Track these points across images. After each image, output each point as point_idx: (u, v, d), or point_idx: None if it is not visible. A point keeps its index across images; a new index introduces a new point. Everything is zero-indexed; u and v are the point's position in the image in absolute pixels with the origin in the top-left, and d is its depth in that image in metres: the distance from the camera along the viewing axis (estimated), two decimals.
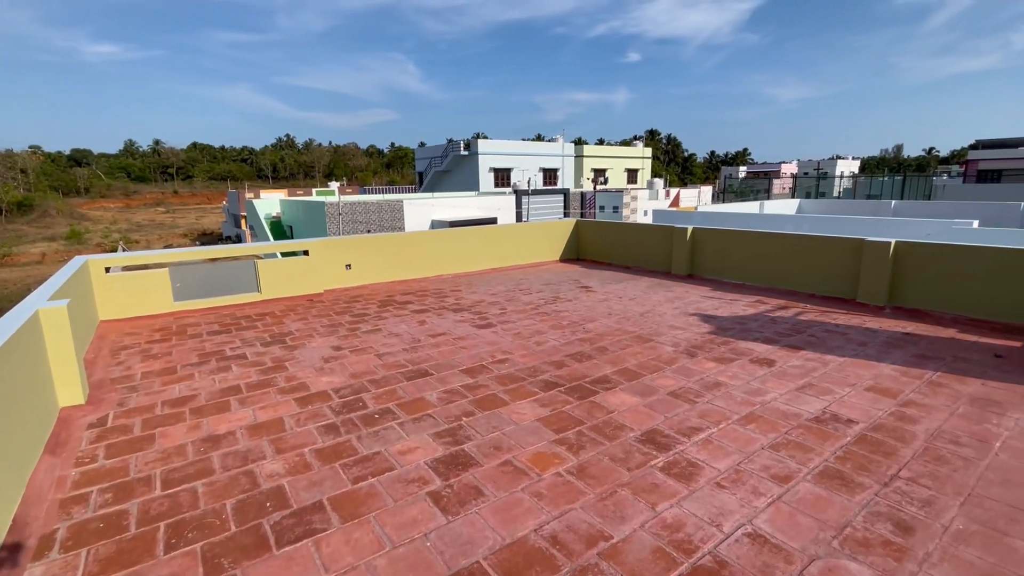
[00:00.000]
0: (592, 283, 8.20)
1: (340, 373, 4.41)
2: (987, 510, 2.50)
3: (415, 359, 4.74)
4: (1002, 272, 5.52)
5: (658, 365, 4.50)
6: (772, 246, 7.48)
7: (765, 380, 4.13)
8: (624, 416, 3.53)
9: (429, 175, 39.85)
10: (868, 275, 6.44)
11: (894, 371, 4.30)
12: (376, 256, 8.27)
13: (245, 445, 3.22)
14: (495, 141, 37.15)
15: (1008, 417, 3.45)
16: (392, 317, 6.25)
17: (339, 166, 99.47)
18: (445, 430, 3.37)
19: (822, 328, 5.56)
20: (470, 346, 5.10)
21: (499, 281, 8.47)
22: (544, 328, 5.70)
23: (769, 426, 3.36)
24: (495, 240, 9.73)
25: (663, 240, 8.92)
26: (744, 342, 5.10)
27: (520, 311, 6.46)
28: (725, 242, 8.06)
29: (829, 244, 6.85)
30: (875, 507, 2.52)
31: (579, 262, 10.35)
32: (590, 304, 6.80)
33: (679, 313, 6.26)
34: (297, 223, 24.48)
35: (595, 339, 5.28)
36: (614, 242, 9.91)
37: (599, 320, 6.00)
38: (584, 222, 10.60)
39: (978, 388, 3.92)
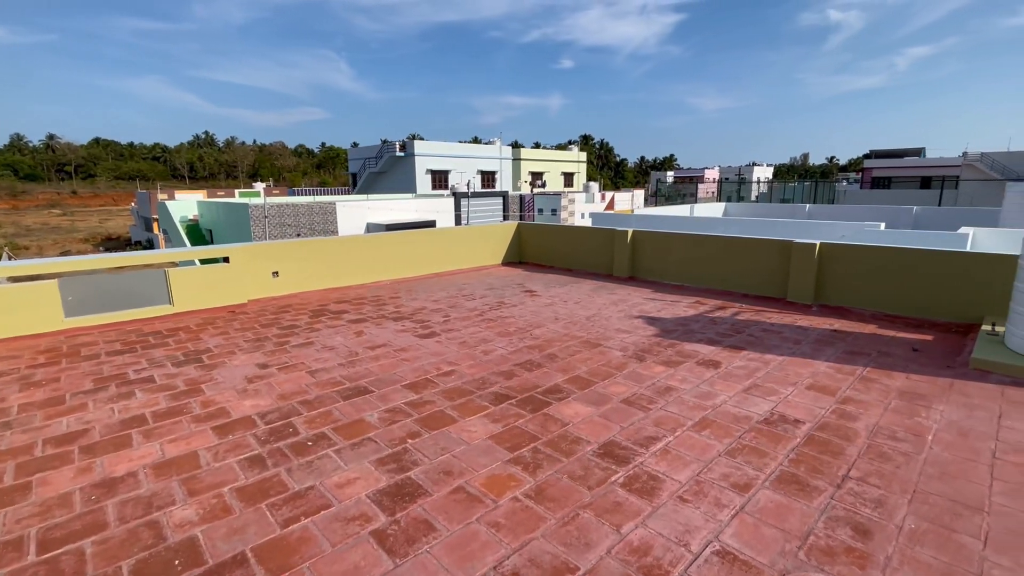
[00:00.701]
0: (536, 287, 8.09)
1: (267, 395, 3.96)
2: (932, 506, 2.56)
3: (352, 375, 4.36)
4: (910, 271, 5.96)
5: (609, 371, 4.41)
6: (708, 248, 7.70)
7: (713, 383, 4.14)
8: (580, 428, 3.38)
9: (363, 176, 38.51)
10: (796, 275, 6.77)
11: (829, 368, 4.47)
12: (307, 262, 7.70)
13: (149, 488, 2.75)
14: (432, 143, 36.54)
15: (934, 409, 3.64)
16: (326, 328, 5.79)
17: (265, 166, 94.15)
18: (389, 455, 3.06)
19: (759, 327, 5.75)
20: (413, 358, 4.79)
21: (441, 286, 8.16)
22: (490, 335, 5.48)
23: (723, 431, 3.33)
24: (436, 244, 9.40)
25: (604, 243, 8.98)
26: (689, 344, 5.14)
27: (464, 318, 6.21)
28: (664, 244, 8.23)
29: (760, 246, 7.15)
30: (832, 511, 2.52)
31: (522, 265, 10.23)
32: (536, 309, 6.66)
33: (624, 316, 6.26)
34: (217, 227, 22.73)
35: (544, 346, 5.13)
36: (556, 245, 9.88)
37: (546, 325, 5.87)
38: (526, 225, 10.50)
39: (904, 382, 4.14)
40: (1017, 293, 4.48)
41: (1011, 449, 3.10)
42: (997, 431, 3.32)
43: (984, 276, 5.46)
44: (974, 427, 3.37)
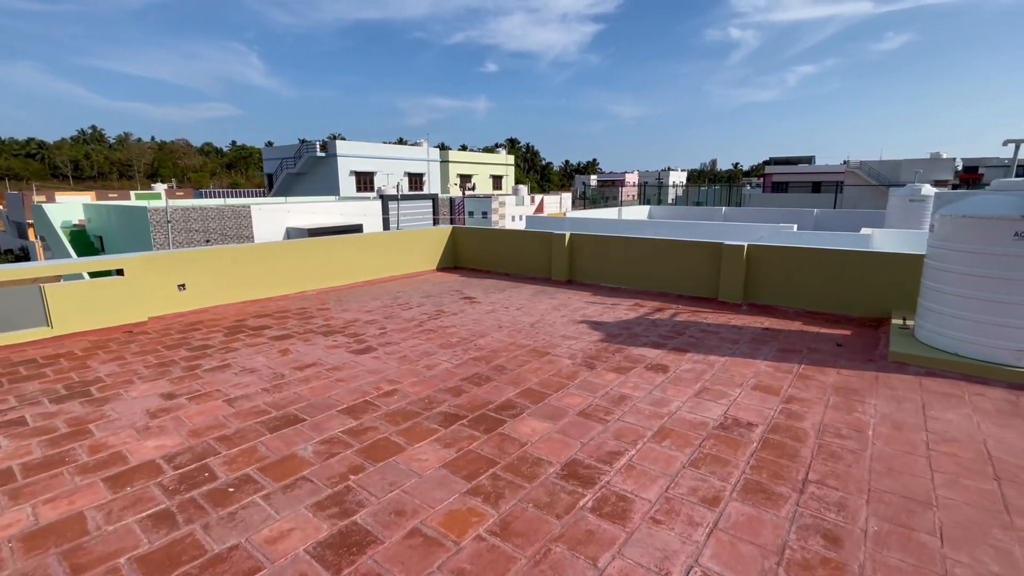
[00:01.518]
0: (475, 293, 7.83)
1: (174, 432, 3.38)
2: (888, 505, 2.61)
3: (279, 401, 3.87)
4: (828, 270, 6.37)
5: (560, 381, 4.25)
6: (645, 251, 7.84)
7: (665, 388, 4.11)
8: (539, 448, 3.18)
9: (280, 178, 36.20)
10: (727, 276, 7.03)
11: (768, 367, 4.60)
12: (220, 272, 6.91)
13: (17, 567, 2.18)
14: (355, 143, 35.09)
15: (868, 404, 3.82)
16: (245, 348, 5.17)
17: (166, 165, 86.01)
18: (329, 497, 2.68)
19: (698, 328, 5.87)
20: (349, 378, 4.35)
21: (373, 295, 7.66)
22: (432, 348, 5.15)
23: (683, 440, 3.27)
24: (366, 250, 8.85)
25: (542, 247, 8.91)
26: (635, 348, 5.12)
27: (402, 329, 5.82)
28: (601, 247, 8.28)
29: (694, 248, 7.37)
30: (801, 519, 2.49)
31: (457, 271, 9.92)
32: (477, 317, 6.40)
33: (568, 321, 6.17)
34: (109, 233, 20.28)
35: (490, 357, 4.88)
36: (493, 249, 9.68)
37: (490, 334, 5.63)
38: (461, 229, 10.21)
39: (836, 378, 4.34)
40: (924, 289, 4.87)
41: (940, 439, 3.29)
42: (925, 422, 3.52)
43: (891, 274, 5.94)
44: (905, 419, 3.56)
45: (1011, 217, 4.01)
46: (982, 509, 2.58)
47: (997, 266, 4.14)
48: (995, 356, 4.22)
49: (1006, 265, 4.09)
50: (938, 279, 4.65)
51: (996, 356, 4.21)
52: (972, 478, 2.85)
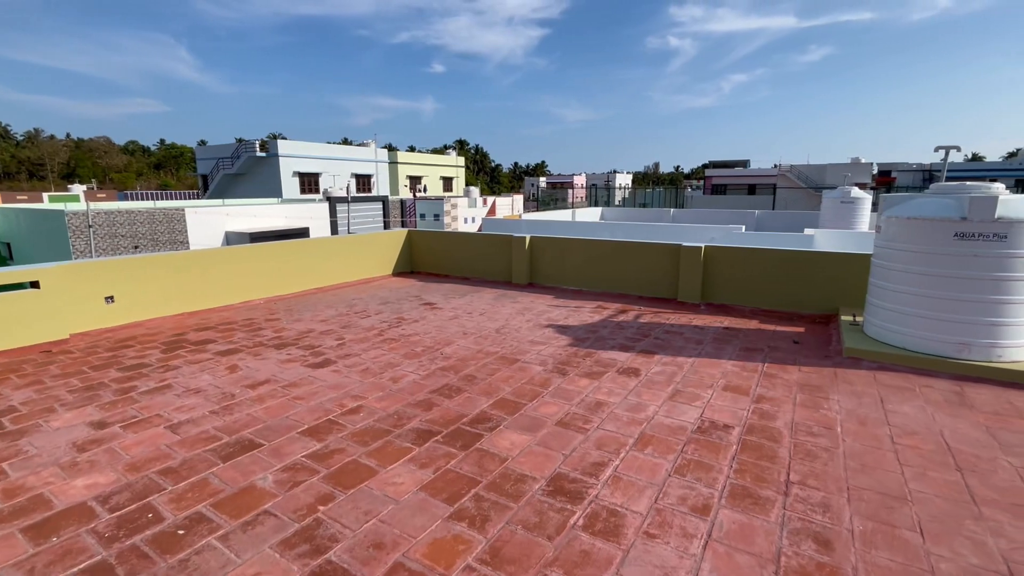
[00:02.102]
0: (435, 298, 7.59)
1: (108, 468, 2.99)
2: (867, 503, 2.66)
3: (231, 425, 3.52)
4: (780, 269, 6.63)
5: (534, 389, 4.13)
6: (605, 253, 7.88)
7: (639, 393, 4.08)
8: (520, 463, 3.04)
9: (217, 179, 34.16)
10: (685, 276, 7.18)
11: (734, 366, 4.69)
12: (154, 282, 6.32)
13: None
14: (299, 143, 33.65)
15: (832, 400, 3.94)
16: (187, 365, 4.71)
17: (85, 165, 79.23)
18: (297, 533, 2.42)
19: (662, 329, 5.93)
20: (308, 395, 4.04)
21: (327, 303, 7.27)
22: (396, 359, 4.90)
23: (664, 446, 3.23)
24: (317, 255, 8.40)
25: (502, 249, 8.78)
26: (605, 352, 5.09)
27: (362, 339, 5.51)
28: (562, 250, 8.26)
29: (653, 249, 7.47)
30: (790, 524, 2.49)
31: (414, 275, 9.62)
32: (440, 323, 6.18)
33: (534, 326, 6.07)
34: (19, 240, 18.36)
35: (458, 366, 4.70)
36: (451, 253, 9.45)
37: (456, 342, 5.43)
38: (417, 232, 9.91)
39: (799, 375, 4.47)
40: (872, 287, 5.12)
41: (902, 432, 3.42)
42: (886, 416, 3.66)
43: (839, 272, 6.24)
44: (868, 414, 3.69)
45: (952, 219, 4.27)
46: (952, 501, 2.67)
47: (939, 265, 4.40)
48: (939, 349, 4.48)
49: (947, 264, 4.35)
50: (885, 277, 4.90)
51: (940, 349, 4.48)
52: (937, 470, 2.97)
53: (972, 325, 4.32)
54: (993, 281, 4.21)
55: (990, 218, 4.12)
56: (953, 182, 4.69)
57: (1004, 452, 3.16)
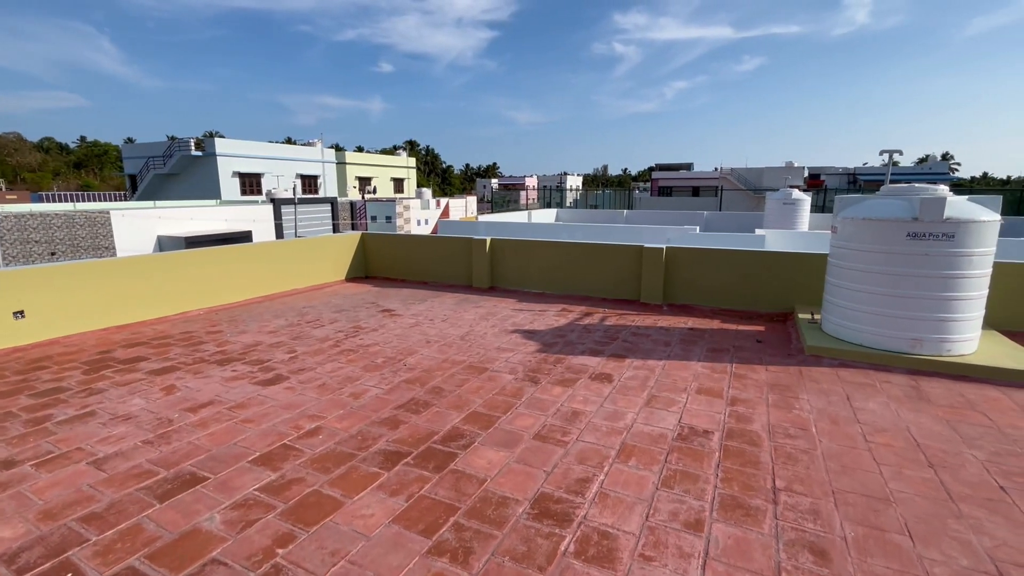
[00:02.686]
0: (393, 305, 7.25)
1: (16, 517, 2.53)
2: (854, 506, 2.64)
3: (169, 456, 3.11)
4: (738, 269, 6.75)
5: (507, 401, 3.93)
6: (568, 255, 7.79)
7: (615, 400, 3.96)
8: (500, 484, 2.83)
9: (147, 179, 31.82)
10: (648, 278, 7.19)
11: (704, 368, 4.67)
12: (73, 293, 5.65)
13: None
14: (239, 141, 31.88)
15: (802, 400, 3.97)
16: (115, 388, 4.19)
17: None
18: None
19: (629, 332, 5.88)
20: (258, 417, 3.66)
21: (275, 312, 6.77)
22: (356, 372, 4.56)
23: (647, 457, 3.11)
24: (263, 260, 7.84)
25: (462, 252, 8.53)
26: (574, 357, 4.96)
27: (316, 351, 5.13)
28: (524, 252, 8.11)
29: (616, 251, 7.45)
30: (785, 535, 2.42)
31: (369, 280, 9.19)
32: (401, 332, 5.87)
33: (499, 332, 5.87)
34: None
35: (424, 378, 4.43)
36: (408, 257, 9.10)
37: (419, 351, 5.15)
38: (372, 235, 9.48)
39: (766, 375, 4.51)
40: (829, 286, 5.27)
41: (873, 430, 3.47)
42: (854, 413, 3.72)
43: (794, 271, 6.42)
44: (837, 412, 3.74)
45: (904, 219, 4.43)
46: (931, 500, 2.70)
47: (893, 263, 4.56)
48: (894, 345, 4.64)
49: (900, 262, 4.51)
50: (841, 276, 5.04)
51: (895, 345, 4.64)
52: (911, 468, 3.01)
53: (923, 321, 4.50)
54: (942, 279, 4.39)
55: (939, 218, 4.29)
56: (901, 184, 4.89)
57: (967, 446, 3.26)
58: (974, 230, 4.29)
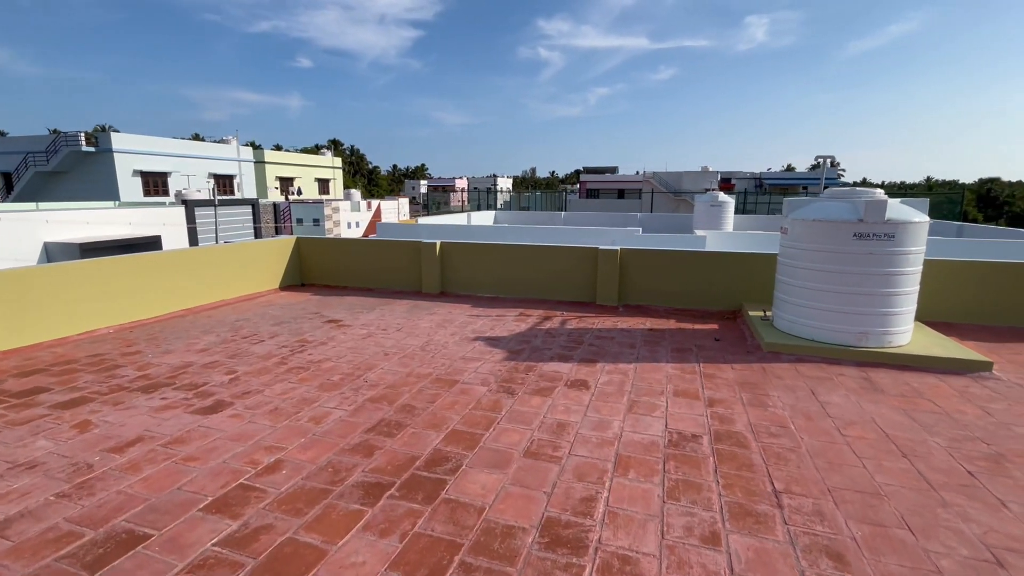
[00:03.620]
0: (339, 314, 6.73)
1: None
2: (852, 504, 2.68)
3: (95, 512, 2.57)
4: (689, 269, 6.94)
5: (486, 415, 3.69)
6: (521, 257, 7.65)
7: (597, 408, 3.85)
8: (501, 511, 2.59)
9: (25, 177, 27.91)
10: (603, 279, 7.22)
11: (674, 369, 4.70)
12: None
13: None
14: (139, 137, 28.80)
15: (772, 397, 4.08)
16: (9, 428, 3.46)
17: None
18: None
19: (592, 335, 5.83)
20: (203, 453, 3.16)
21: (203, 328, 6.04)
22: (311, 392, 4.11)
23: (646, 468, 3.01)
24: (182, 269, 6.99)
25: (410, 257, 8.13)
26: (545, 364, 4.81)
27: (260, 371, 4.59)
28: (476, 256, 7.86)
29: (570, 253, 7.41)
30: (799, 541, 2.39)
31: (308, 288, 8.52)
32: (353, 344, 5.42)
33: (461, 340, 5.60)
34: None
35: (390, 395, 4.07)
36: (351, 262, 8.54)
37: (379, 365, 4.76)
38: (308, 240, 8.80)
39: (733, 373, 4.60)
40: (780, 284, 5.51)
41: (843, 423, 3.61)
42: (823, 408, 3.86)
43: (742, 270, 6.69)
44: (807, 408, 3.86)
45: (851, 220, 4.70)
46: (916, 491, 2.80)
47: (841, 262, 4.83)
48: (842, 339, 4.92)
49: (847, 261, 4.79)
50: (792, 275, 5.28)
51: (843, 339, 4.92)
52: (888, 459, 3.13)
53: (869, 316, 4.80)
54: (884, 276, 4.71)
55: (882, 220, 4.60)
56: (848, 188, 5.20)
57: (928, 433, 3.46)
58: (911, 230, 4.64)
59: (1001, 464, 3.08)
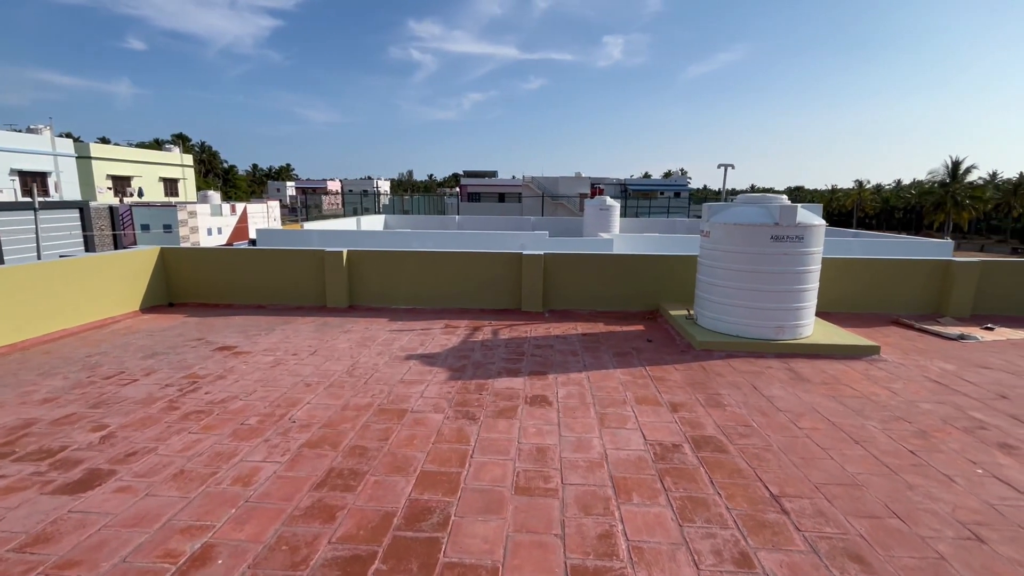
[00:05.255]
0: (231, 339, 5.67)
1: None
2: (841, 499, 2.78)
3: None
4: (610, 272, 7.08)
5: (456, 449, 3.26)
6: (441, 265, 7.18)
7: (569, 426, 3.62)
8: (519, 568, 2.22)
9: None
10: (528, 285, 7.05)
11: (624, 375, 4.66)
12: None
13: None
14: None
15: (724, 395, 4.20)
16: None
17: None
18: None
19: (530, 344, 5.61)
20: (87, 555, 2.29)
21: (42, 369, 4.65)
22: (226, 444, 3.30)
23: (646, 490, 2.84)
24: (2, 292, 5.35)
25: (311, 268, 7.19)
26: (495, 380, 4.47)
27: (144, 421, 3.59)
28: (390, 264, 7.21)
29: (493, 259, 7.12)
30: (819, 547, 2.38)
31: (179, 309, 7.11)
32: (262, 375, 4.55)
33: (392, 360, 5.01)
34: None
35: (330, 436, 3.42)
36: (234, 275, 7.32)
37: (304, 399, 4.03)
38: (177, 251, 7.37)
39: (679, 375, 4.69)
40: (702, 284, 5.81)
41: (794, 415, 3.81)
42: (771, 402, 4.06)
43: (659, 272, 6.98)
44: (758, 404, 4.04)
45: (768, 224, 5.08)
46: (883, 477, 3.00)
47: (759, 262, 5.20)
48: (763, 333, 5.31)
49: (765, 261, 5.18)
50: (713, 275, 5.59)
51: (763, 333, 5.31)
52: (846, 447, 3.35)
53: (784, 311, 5.24)
54: (796, 274, 5.18)
55: (793, 223, 5.04)
56: (761, 195, 5.63)
57: (863, 418, 3.80)
58: (814, 232, 5.15)
59: (928, 440, 3.46)
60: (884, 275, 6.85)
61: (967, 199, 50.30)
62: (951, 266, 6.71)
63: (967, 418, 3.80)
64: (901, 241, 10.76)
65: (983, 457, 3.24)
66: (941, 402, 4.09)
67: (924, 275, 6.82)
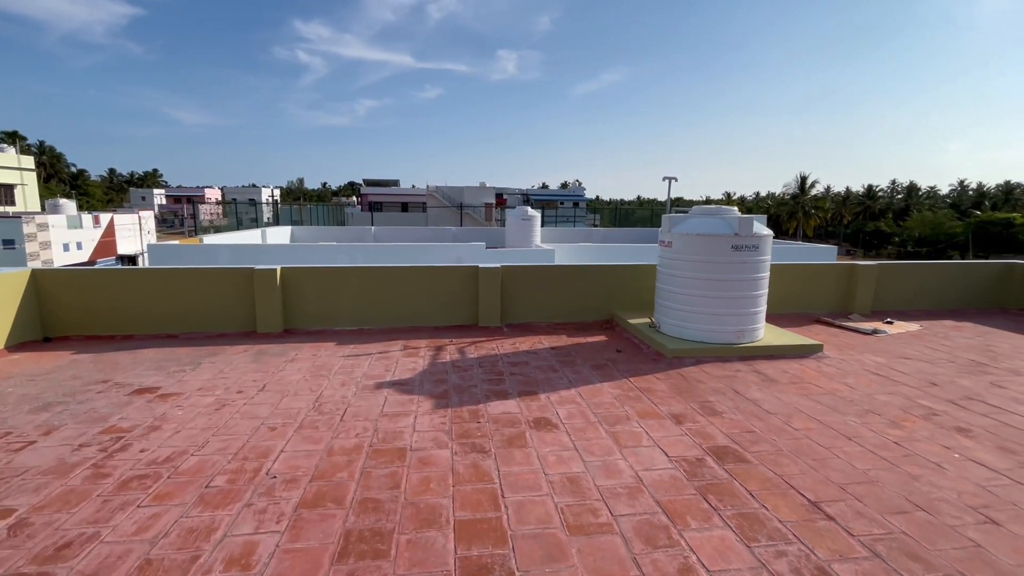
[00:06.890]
0: (147, 378, 4.72)
1: None
2: (867, 499, 2.91)
3: None
4: (566, 283, 7.04)
5: (483, 491, 2.93)
6: (391, 281, 6.64)
7: (588, 449, 3.44)
8: None
9: None
10: (485, 299, 6.77)
11: (613, 388, 4.60)
12: None
13: None
14: None
15: (714, 402, 4.29)
16: None
17: None
18: None
19: (504, 361, 5.36)
20: None
21: None
22: (197, 518, 2.65)
23: (696, 511, 2.75)
24: None
25: (237, 288, 6.28)
26: (487, 405, 4.16)
27: (68, 497, 2.79)
28: (332, 282, 6.52)
29: (449, 273, 6.74)
30: (878, 549, 2.44)
31: (61, 344, 5.80)
32: (208, 422, 3.81)
33: (361, 390, 4.48)
34: None
35: (328, 491, 2.91)
36: (134, 300, 6.16)
37: (274, 447, 3.41)
38: (54, 272, 6.03)
39: (664, 385, 4.73)
40: (663, 292, 5.98)
41: (785, 417, 3.99)
42: (758, 405, 4.23)
43: (612, 282, 7.08)
44: (748, 408, 4.18)
45: (728, 235, 5.35)
46: (884, 470, 3.21)
47: (720, 271, 5.46)
48: (725, 338, 5.57)
49: (726, 269, 5.45)
50: (675, 283, 5.78)
51: (726, 338, 5.58)
52: (842, 444, 3.55)
53: (743, 316, 5.55)
54: (753, 280, 5.51)
55: (750, 233, 5.36)
56: (716, 207, 5.92)
57: (841, 414, 4.08)
58: (766, 241, 5.53)
59: (903, 430, 3.79)
60: (805, 278, 7.60)
61: (813, 209, 58.81)
62: (856, 269, 7.63)
63: (919, 406, 4.25)
64: (795, 247, 12.13)
65: (951, 442, 3.61)
66: (892, 393, 4.55)
67: (835, 277, 7.68)
